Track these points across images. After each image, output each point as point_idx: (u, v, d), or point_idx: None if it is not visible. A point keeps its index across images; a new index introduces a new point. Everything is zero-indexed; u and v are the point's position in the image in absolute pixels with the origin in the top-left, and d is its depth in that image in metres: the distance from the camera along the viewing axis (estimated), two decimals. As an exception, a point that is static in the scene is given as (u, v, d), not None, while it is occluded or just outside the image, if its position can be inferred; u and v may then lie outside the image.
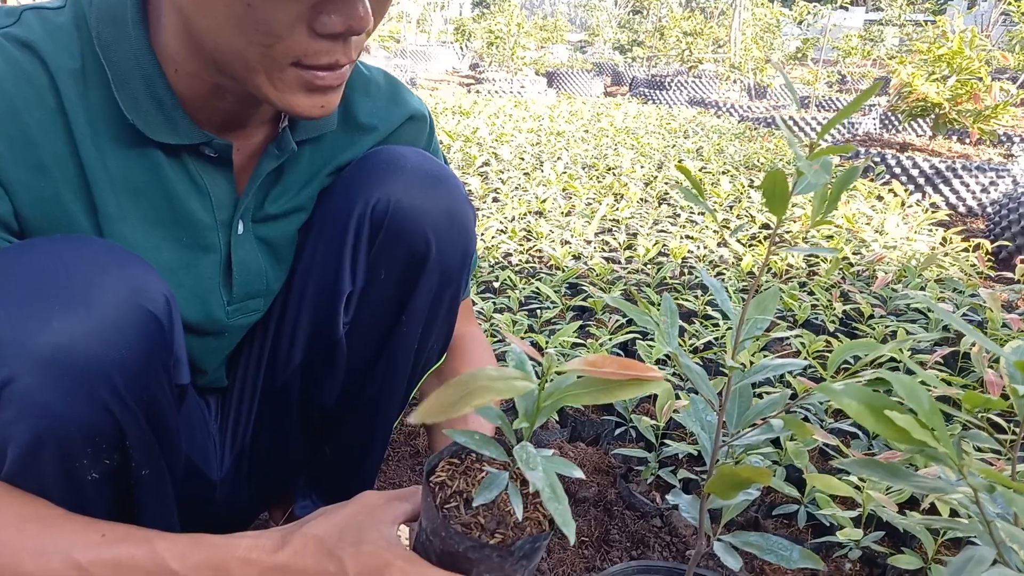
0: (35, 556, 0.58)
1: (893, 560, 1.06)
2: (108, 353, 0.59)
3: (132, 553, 0.61)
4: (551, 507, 0.49)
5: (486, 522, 0.60)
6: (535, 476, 0.53)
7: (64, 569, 0.58)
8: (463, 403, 0.47)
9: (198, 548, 0.62)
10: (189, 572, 0.61)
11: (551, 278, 2.12)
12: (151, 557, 0.61)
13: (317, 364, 0.91)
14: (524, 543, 0.58)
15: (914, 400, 0.56)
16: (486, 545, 0.57)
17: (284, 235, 0.87)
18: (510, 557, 0.57)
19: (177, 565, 0.61)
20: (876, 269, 2.34)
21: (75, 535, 0.60)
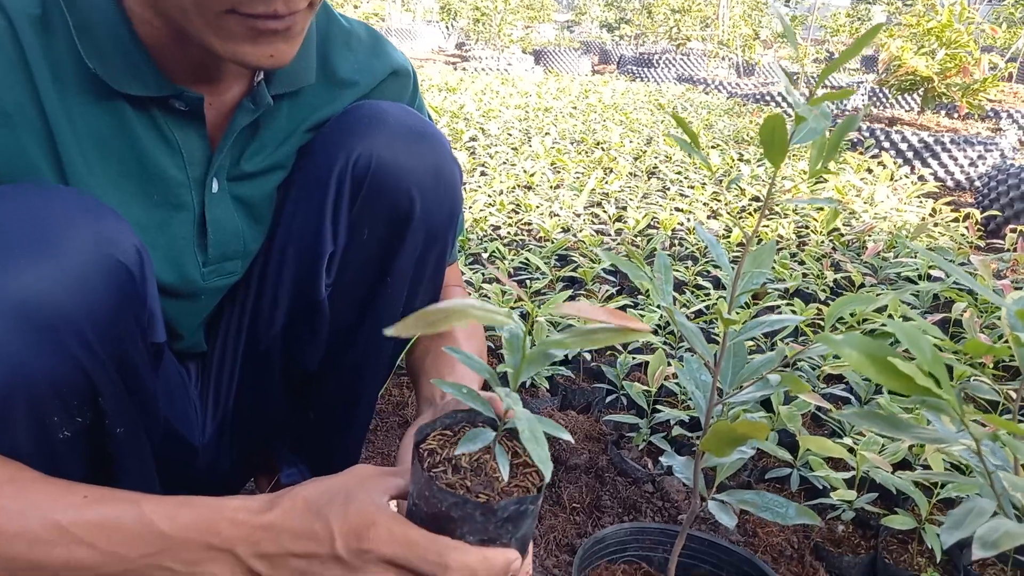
0: (14, 518, 0.55)
1: (887, 521, 1.06)
2: (77, 304, 0.56)
3: (117, 514, 0.58)
4: (529, 446, 0.49)
5: (472, 485, 0.58)
6: (518, 413, 0.52)
7: (45, 531, 0.56)
8: (443, 322, 0.45)
9: (186, 509, 0.60)
10: (178, 533, 0.58)
11: (540, 249, 2.10)
12: (138, 518, 0.58)
13: (299, 327, 0.89)
14: (508, 503, 0.56)
15: (917, 348, 0.54)
16: (468, 502, 0.56)
17: (261, 194, 0.83)
18: (493, 517, 0.56)
19: (166, 526, 0.58)
20: (866, 239, 2.33)
21: (55, 496, 0.58)
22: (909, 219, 2.60)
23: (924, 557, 1.10)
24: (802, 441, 1.10)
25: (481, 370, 0.62)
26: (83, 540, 0.56)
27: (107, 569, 0.58)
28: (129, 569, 0.59)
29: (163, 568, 0.59)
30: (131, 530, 0.58)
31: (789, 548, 1.13)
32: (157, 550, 0.58)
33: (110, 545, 0.57)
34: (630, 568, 0.95)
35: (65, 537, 0.56)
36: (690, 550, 0.96)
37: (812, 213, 2.56)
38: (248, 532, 0.60)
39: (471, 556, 0.56)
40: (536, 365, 0.59)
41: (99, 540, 0.57)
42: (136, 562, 0.58)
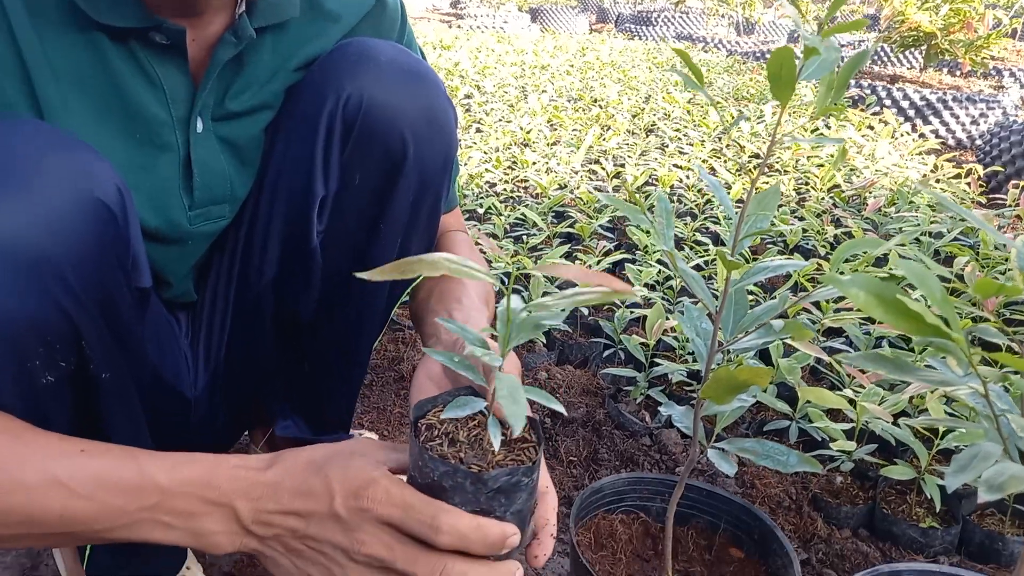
0: (10, 469, 0.53)
1: (886, 471, 1.05)
2: (55, 244, 0.54)
3: (116, 467, 0.56)
4: (504, 403, 0.49)
5: (466, 457, 0.58)
6: (499, 376, 0.52)
7: (43, 484, 0.54)
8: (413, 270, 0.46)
9: (186, 464, 0.58)
10: (176, 486, 0.57)
11: (537, 205, 2.07)
12: (137, 472, 0.56)
13: (291, 276, 0.86)
14: (499, 474, 0.56)
15: (925, 287, 0.52)
16: (458, 471, 0.55)
17: (248, 135, 0.80)
18: (483, 487, 0.55)
19: (164, 479, 0.57)
20: (867, 195, 2.30)
21: (51, 449, 0.56)
22: (910, 175, 2.56)
23: (923, 507, 1.10)
24: (801, 392, 1.09)
25: (473, 339, 0.61)
26: (80, 493, 0.55)
27: (103, 522, 0.57)
28: (126, 523, 0.57)
29: (159, 522, 0.58)
30: (129, 483, 0.56)
31: (787, 499, 1.13)
32: (154, 503, 0.57)
33: (108, 497, 0.56)
34: (627, 518, 0.95)
35: (62, 490, 0.54)
36: (688, 500, 0.95)
37: (813, 170, 2.53)
38: (247, 487, 0.58)
39: (463, 521, 0.55)
40: (527, 332, 0.58)
41: (96, 493, 0.55)
42: (133, 515, 0.57)
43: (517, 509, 0.58)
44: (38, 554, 0.98)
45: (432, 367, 0.75)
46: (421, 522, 0.55)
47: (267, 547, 0.60)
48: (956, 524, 1.07)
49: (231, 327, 0.90)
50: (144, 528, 0.58)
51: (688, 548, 0.92)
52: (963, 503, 1.10)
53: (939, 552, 1.06)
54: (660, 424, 1.29)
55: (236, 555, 1.00)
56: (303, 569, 0.60)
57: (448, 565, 0.55)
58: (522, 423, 0.48)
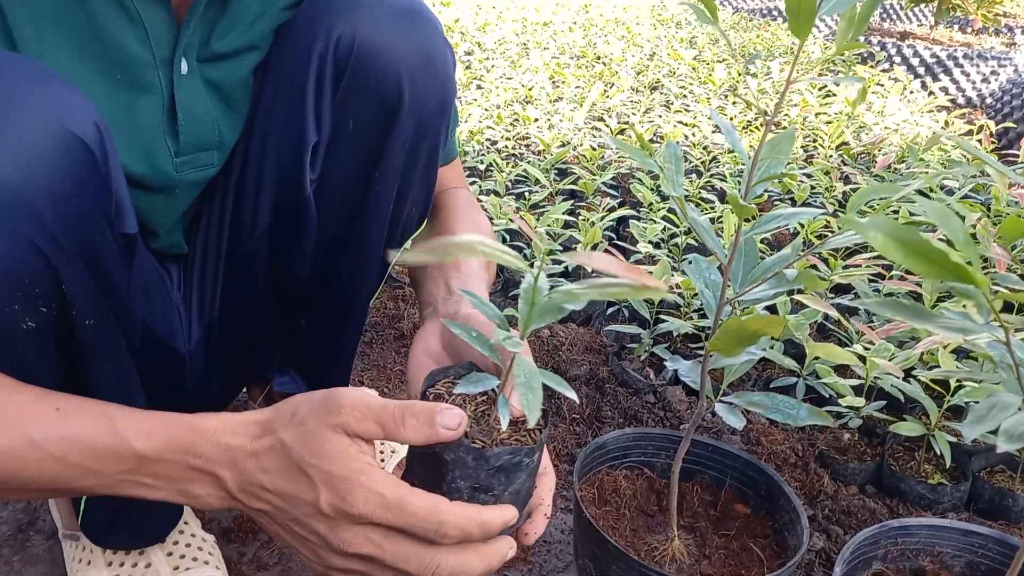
0: None
1: (895, 428, 1.03)
2: (27, 180, 0.51)
3: (89, 430, 0.54)
4: (520, 391, 0.50)
5: (471, 432, 0.57)
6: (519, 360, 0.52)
7: (15, 444, 0.52)
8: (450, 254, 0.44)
9: (164, 427, 0.56)
10: (154, 453, 0.55)
11: (540, 162, 2.02)
12: (111, 435, 0.54)
13: (284, 227, 0.83)
14: (501, 452, 0.55)
15: (948, 228, 0.49)
16: (461, 445, 0.54)
17: (235, 78, 0.77)
18: (484, 463, 0.54)
19: (140, 444, 0.55)
20: (877, 152, 2.25)
21: (26, 407, 0.54)
22: (921, 131, 2.51)
23: (931, 464, 1.09)
24: (810, 348, 1.07)
25: (493, 316, 0.59)
26: (55, 455, 0.53)
27: (83, 483, 0.55)
28: (106, 482, 0.55)
29: (141, 483, 0.56)
30: (105, 447, 0.54)
31: (793, 456, 1.11)
32: (133, 467, 0.55)
33: (82, 461, 0.54)
34: (631, 474, 0.93)
35: (36, 451, 0.52)
36: (694, 455, 0.93)
37: (821, 127, 2.47)
38: (231, 458, 0.56)
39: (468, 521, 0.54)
40: (549, 315, 0.56)
41: (71, 456, 0.53)
42: (113, 477, 0.55)
43: (516, 489, 0.57)
44: (35, 510, 0.97)
45: (431, 342, 0.72)
46: (426, 530, 0.53)
47: (255, 514, 0.59)
48: (965, 480, 1.06)
49: (224, 280, 0.87)
50: (127, 487, 0.56)
51: (693, 504, 0.91)
52: (973, 459, 1.08)
53: (947, 509, 1.05)
54: (664, 381, 1.27)
55: (235, 511, 0.99)
56: (289, 543, 0.58)
57: (443, 561, 0.54)
58: (537, 414, 0.48)
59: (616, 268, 0.47)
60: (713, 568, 0.81)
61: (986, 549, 0.84)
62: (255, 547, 0.94)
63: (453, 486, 0.55)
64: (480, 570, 0.56)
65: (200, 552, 0.86)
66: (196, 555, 0.85)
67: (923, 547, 0.85)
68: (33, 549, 0.92)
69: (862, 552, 0.82)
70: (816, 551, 0.97)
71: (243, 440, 0.56)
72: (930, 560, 0.85)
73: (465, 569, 0.55)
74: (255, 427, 0.57)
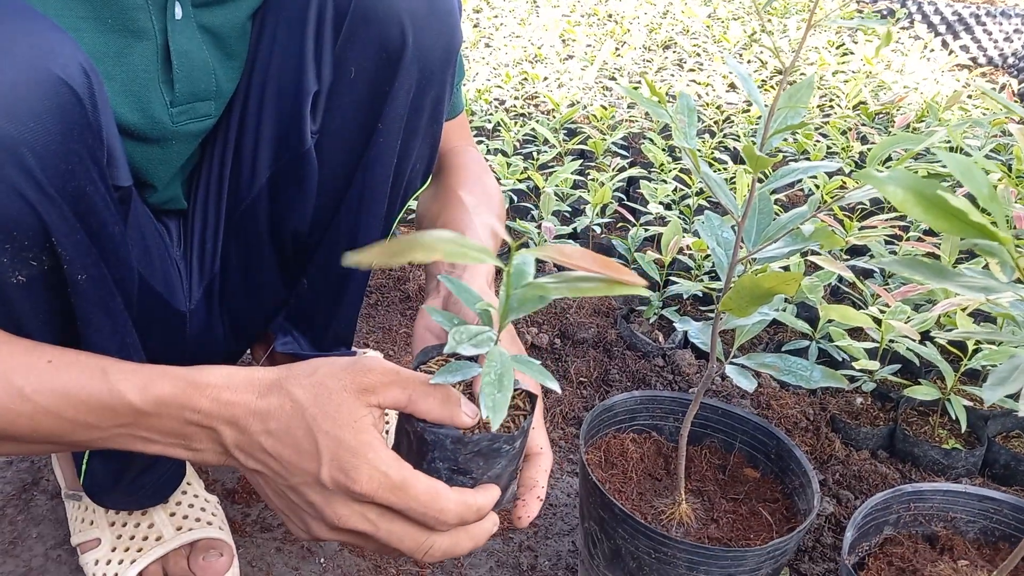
0: None
1: (909, 391, 1.01)
2: (8, 123, 0.48)
3: (83, 384, 0.53)
4: (485, 392, 0.48)
5: None
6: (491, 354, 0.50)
7: (5, 397, 0.50)
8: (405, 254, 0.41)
9: (159, 381, 0.54)
10: (150, 407, 0.53)
11: (549, 121, 1.98)
12: (106, 389, 0.53)
13: (285, 181, 0.81)
14: (480, 437, 0.54)
15: (971, 182, 0.46)
16: (441, 427, 0.54)
17: (232, 23, 0.74)
18: (463, 447, 0.54)
19: (136, 398, 0.53)
20: (896, 111, 2.19)
21: (15, 358, 0.52)
22: (941, 90, 2.44)
23: (946, 429, 1.07)
24: (824, 309, 1.04)
25: (473, 303, 0.57)
26: (48, 409, 0.52)
27: (79, 436, 0.54)
28: (102, 436, 0.54)
29: (138, 436, 0.55)
30: (99, 401, 0.53)
31: (804, 420, 1.10)
32: (129, 421, 0.54)
33: (77, 415, 0.52)
34: (639, 437, 0.92)
35: (29, 405, 0.51)
36: (702, 419, 0.92)
37: (839, 85, 2.41)
38: (232, 415, 0.54)
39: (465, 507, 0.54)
40: (527, 307, 0.53)
41: (65, 410, 0.52)
42: (109, 431, 0.54)
43: (495, 473, 0.57)
44: (39, 469, 0.97)
45: (432, 319, 0.70)
46: (427, 516, 0.53)
47: (248, 474, 0.57)
48: (980, 445, 1.04)
49: (224, 237, 0.85)
50: (125, 441, 0.54)
51: (702, 467, 0.89)
52: (988, 424, 1.06)
53: (961, 474, 1.03)
54: (674, 345, 1.25)
55: (238, 472, 0.99)
56: (279, 508, 0.57)
57: (436, 542, 0.54)
58: (501, 416, 0.47)
59: (589, 262, 0.45)
60: (721, 531, 0.80)
61: (1001, 515, 0.82)
62: (259, 508, 0.94)
63: (433, 466, 0.55)
64: (468, 548, 0.57)
65: (203, 513, 0.85)
66: (199, 516, 0.85)
67: (936, 512, 0.83)
68: (37, 508, 0.91)
69: (874, 517, 0.80)
70: (826, 516, 0.96)
71: (247, 397, 0.54)
72: (943, 525, 0.83)
73: (456, 549, 0.56)
74: (262, 385, 0.55)
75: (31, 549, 0.86)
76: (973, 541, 0.83)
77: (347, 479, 0.52)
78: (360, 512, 0.53)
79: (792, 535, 0.74)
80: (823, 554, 0.93)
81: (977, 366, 1.02)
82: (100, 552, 0.81)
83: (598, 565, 0.80)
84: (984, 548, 0.82)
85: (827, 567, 0.92)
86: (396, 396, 0.54)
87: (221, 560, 0.81)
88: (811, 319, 1.25)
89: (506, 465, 0.57)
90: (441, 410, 0.54)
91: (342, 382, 0.54)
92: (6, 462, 0.98)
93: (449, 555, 0.56)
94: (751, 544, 0.77)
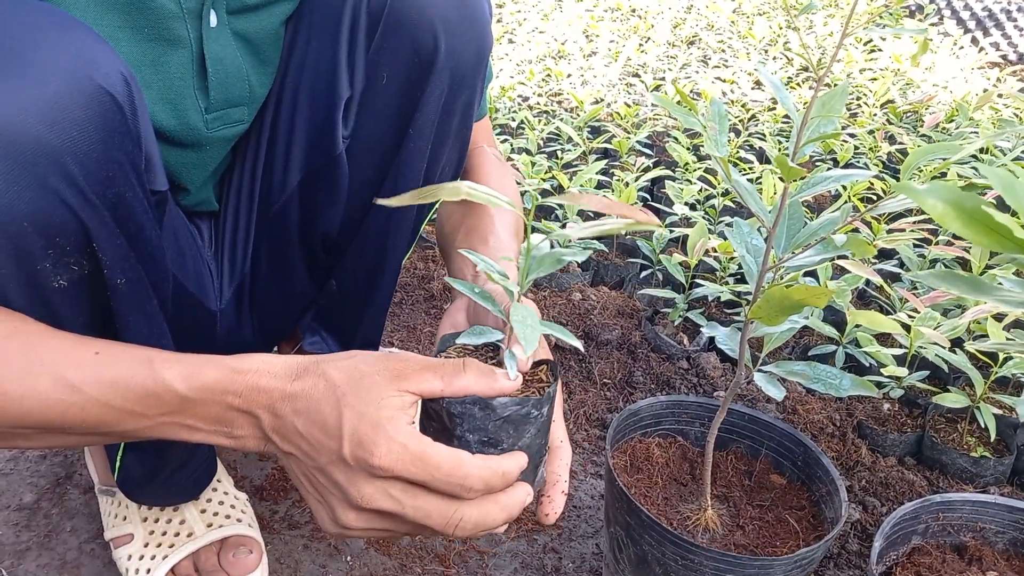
0: (21, 376, 0.51)
1: (938, 399, 1.00)
2: (53, 133, 0.49)
3: (131, 372, 0.54)
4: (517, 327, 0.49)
5: None
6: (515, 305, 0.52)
7: (55, 390, 0.52)
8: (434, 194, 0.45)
9: (203, 368, 0.55)
10: (195, 394, 0.54)
11: (572, 119, 1.98)
12: (152, 377, 0.54)
13: (316, 185, 0.82)
14: (508, 402, 0.54)
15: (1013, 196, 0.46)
16: (468, 397, 0.54)
17: (266, 30, 0.74)
18: (491, 414, 0.54)
19: (181, 386, 0.54)
20: (924, 110, 2.16)
21: (64, 352, 0.53)
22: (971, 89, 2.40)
23: (974, 437, 1.05)
24: (852, 315, 1.03)
25: (493, 270, 0.57)
26: (97, 399, 0.53)
27: (126, 425, 0.55)
28: (148, 425, 0.55)
29: (184, 425, 0.56)
30: (146, 389, 0.54)
31: (830, 426, 1.09)
32: (175, 409, 0.55)
33: (125, 404, 0.54)
34: (664, 441, 0.92)
35: (78, 396, 0.52)
36: (728, 424, 0.91)
37: (867, 83, 2.38)
38: (269, 399, 0.55)
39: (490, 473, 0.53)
40: (548, 266, 0.55)
41: (114, 399, 0.53)
42: (155, 419, 0.55)
43: (525, 443, 0.56)
44: (71, 464, 0.99)
45: (457, 317, 0.71)
46: (451, 483, 0.52)
47: (284, 458, 0.58)
48: (1009, 454, 1.03)
49: (255, 238, 0.86)
50: (169, 430, 0.56)
51: (727, 473, 0.89)
52: (1018, 432, 1.05)
53: (989, 482, 1.02)
54: (698, 347, 1.25)
55: (267, 469, 1.00)
56: (311, 496, 0.58)
57: (465, 514, 0.53)
58: (535, 343, 0.48)
59: (606, 206, 0.47)
60: (747, 538, 0.80)
61: (1031, 526, 0.82)
62: (287, 505, 0.95)
63: (462, 440, 0.54)
64: (501, 520, 0.56)
65: (233, 510, 0.87)
66: (229, 512, 0.86)
67: (965, 522, 0.82)
68: (71, 502, 0.93)
69: (902, 527, 0.80)
70: (852, 523, 0.96)
71: (280, 383, 0.56)
72: (972, 536, 0.83)
73: (487, 520, 0.55)
74: (298, 368, 0.57)
75: (65, 543, 0.88)
76: (1002, 552, 0.82)
77: (366, 453, 0.52)
78: (383, 489, 0.53)
79: (819, 544, 0.74)
80: (848, 561, 0.93)
81: (1008, 374, 1.01)
82: (133, 547, 0.83)
83: (623, 569, 0.80)
84: (1014, 559, 0.81)
85: (853, 574, 0.91)
86: (430, 381, 0.54)
87: (251, 557, 0.82)
88: (838, 323, 1.24)
89: (535, 435, 0.57)
90: (478, 382, 0.54)
91: (376, 367, 0.55)
92: (39, 456, 1.00)
93: (480, 528, 0.55)
94: (777, 552, 0.77)
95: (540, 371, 0.60)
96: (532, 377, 0.59)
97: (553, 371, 0.60)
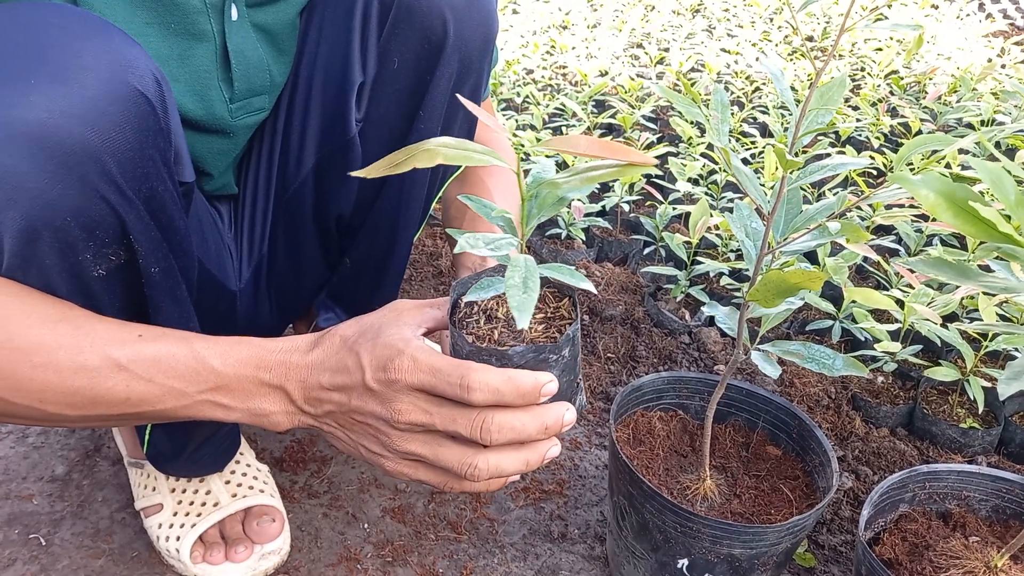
0: (73, 354, 0.55)
1: (930, 372, 1.04)
2: (93, 134, 0.52)
3: (172, 351, 0.58)
4: (510, 293, 0.46)
5: (501, 334, 0.57)
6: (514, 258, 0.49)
7: (103, 367, 0.56)
8: (408, 163, 0.44)
9: (237, 347, 0.60)
10: (230, 369, 0.59)
11: (577, 94, 1.99)
12: (192, 355, 0.59)
13: (330, 167, 0.85)
14: (525, 350, 0.54)
15: (999, 189, 0.49)
16: (483, 349, 0.54)
17: (283, 21, 0.77)
18: (508, 363, 0.55)
19: (218, 363, 0.59)
20: (928, 81, 2.16)
21: (109, 334, 0.58)
22: (975, 60, 2.40)
23: (964, 408, 1.10)
24: (848, 292, 1.07)
25: (497, 218, 0.59)
26: (141, 376, 0.57)
27: (167, 403, 0.59)
28: (187, 403, 0.59)
29: (218, 404, 0.60)
30: (186, 366, 0.58)
31: (826, 398, 1.13)
32: (212, 386, 0.59)
33: (167, 380, 0.58)
34: (666, 415, 0.96)
35: (124, 373, 0.57)
36: (727, 398, 0.95)
37: (870, 54, 2.38)
38: (296, 371, 0.60)
39: (492, 375, 0.53)
40: (548, 210, 0.55)
41: (156, 376, 0.58)
42: (193, 397, 0.59)
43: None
44: (99, 437, 1.03)
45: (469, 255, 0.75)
46: (451, 383, 0.54)
47: (322, 423, 0.62)
48: (997, 425, 1.07)
49: (272, 219, 0.89)
50: (205, 408, 0.60)
51: (725, 445, 0.93)
52: (1005, 404, 1.09)
53: (978, 452, 1.06)
54: (700, 323, 1.28)
55: (286, 442, 1.05)
56: (357, 441, 0.61)
57: (488, 417, 0.54)
58: (527, 317, 0.45)
59: (598, 149, 0.46)
60: (743, 507, 0.85)
61: (1012, 494, 0.86)
62: (306, 475, 1.00)
63: None
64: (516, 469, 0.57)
65: (256, 481, 0.91)
66: (252, 483, 0.91)
67: (951, 491, 0.87)
68: (100, 474, 0.98)
69: (889, 495, 0.84)
70: (845, 491, 1.00)
71: (300, 356, 0.60)
72: (957, 504, 0.87)
73: (501, 465, 0.56)
74: (311, 341, 0.62)
75: (97, 512, 0.93)
76: (985, 519, 0.87)
77: (385, 373, 0.56)
78: (411, 402, 0.56)
79: (811, 512, 0.78)
80: (840, 526, 0.97)
81: (998, 348, 1.04)
82: (163, 516, 0.88)
83: (626, 536, 0.84)
84: (995, 526, 0.86)
85: (844, 539, 0.96)
86: (433, 312, 0.59)
87: (273, 525, 0.87)
88: (835, 298, 1.27)
89: (560, 375, 0.56)
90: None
91: (379, 314, 0.61)
92: (68, 430, 1.04)
93: (494, 474, 0.56)
94: (772, 519, 0.81)
95: (562, 306, 0.60)
96: (554, 314, 0.59)
97: (575, 304, 0.59)
